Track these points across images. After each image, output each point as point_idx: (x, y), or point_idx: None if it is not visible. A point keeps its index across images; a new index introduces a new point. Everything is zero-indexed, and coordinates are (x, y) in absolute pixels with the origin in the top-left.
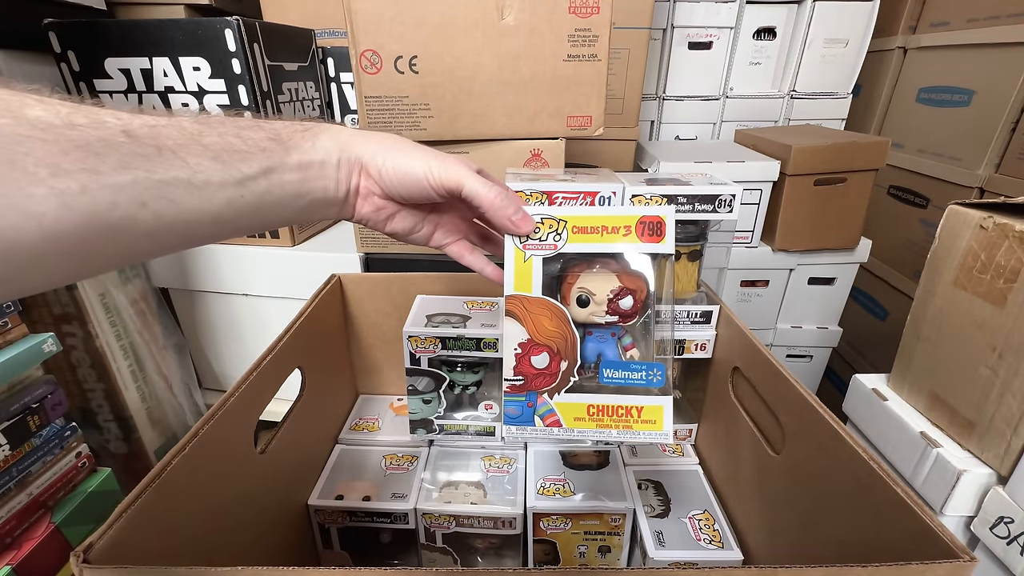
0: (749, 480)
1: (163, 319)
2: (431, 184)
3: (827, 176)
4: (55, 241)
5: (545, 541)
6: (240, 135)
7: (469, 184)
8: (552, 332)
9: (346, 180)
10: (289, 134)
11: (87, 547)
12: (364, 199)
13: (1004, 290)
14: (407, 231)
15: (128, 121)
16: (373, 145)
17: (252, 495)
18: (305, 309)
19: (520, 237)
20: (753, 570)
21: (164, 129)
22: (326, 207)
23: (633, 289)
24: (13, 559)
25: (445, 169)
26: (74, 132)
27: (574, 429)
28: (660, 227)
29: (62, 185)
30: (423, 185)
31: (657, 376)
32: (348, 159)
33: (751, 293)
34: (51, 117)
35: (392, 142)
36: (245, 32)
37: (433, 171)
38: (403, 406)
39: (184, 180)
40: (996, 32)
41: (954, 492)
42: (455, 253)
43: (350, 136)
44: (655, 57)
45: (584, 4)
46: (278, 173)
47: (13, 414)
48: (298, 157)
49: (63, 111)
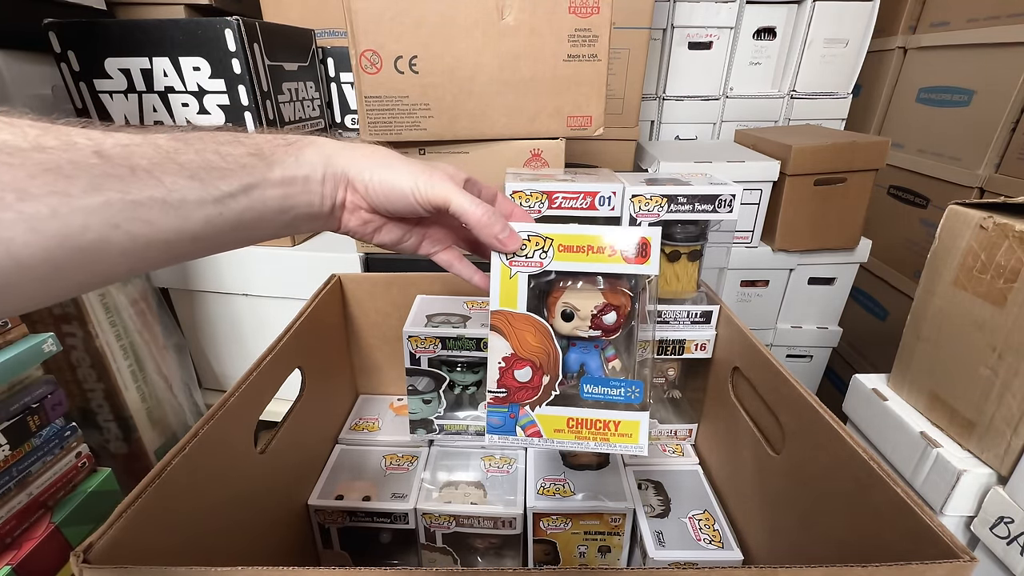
0: (749, 480)
1: (163, 319)
2: (418, 200)
3: (827, 176)
4: (26, 266)
5: (545, 541)
6: (219, 151)
7: (456, 201)
8: (535, 347)
9: (331, 195)
10: (271, 149)
11: (87, 547)
12: (350, 213)
13: (1004, 290)
14: (395, 242)
15: (100, 141)
16: (360, 159)
17: (252, 495)
18: (305, 309)
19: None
20: (753, 570)
21: (138, 148)
22: (311, 221)
23: (617, 305)
24: (13, 559)
25: (432, 185)
26: (42, 155)
27: (553, 440)
28: (646, 249)
29: (30, 209)
30: (409, 201)
31: (635, 393)
32: (334, 174)
33: (751, 293)
34: (18, 140)
35: (379, 156)
36: (245, 32)
37: (420, 187)
38: (403, 406)
39: (159, 200)
40: (996, 32)
41: (954, 492)
42: (443, 261)
43: (336, 150)
44: (655, 57)
45: (584, 4)
46: (260, 189)
47: (13, 414)
48: (281, 172)
49: (31, 134)
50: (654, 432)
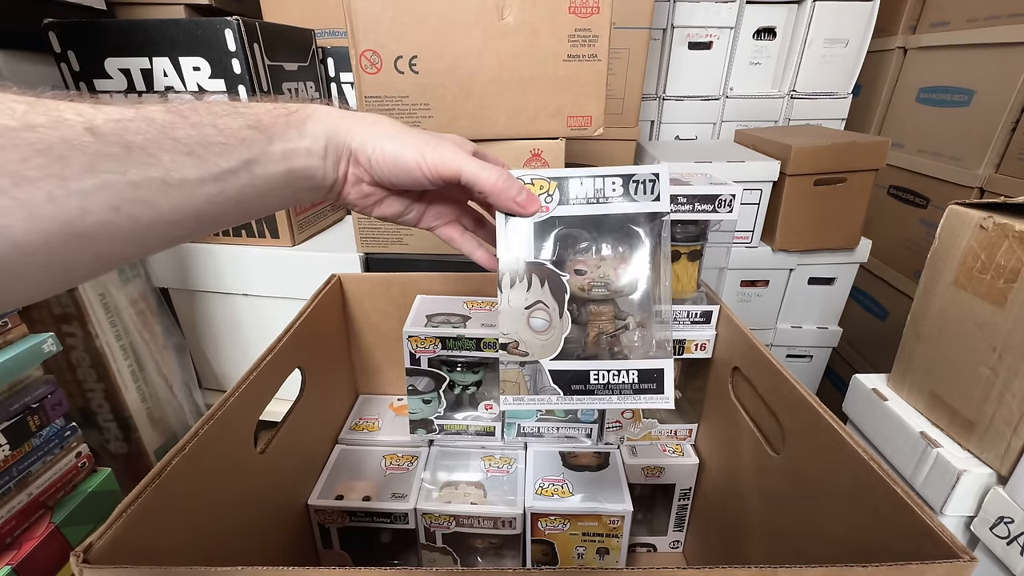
0: (749, 480)
1: (163, 319)
2: (425, 173)
3: (827, 176)
4: (28, 254)
5: (543, 541)
6: (216, 125)
7: (468, 169)
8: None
9: (334, 168)
10: (271, 120)
11: (87, 547)
12: (352, 186)
13: (1004, 290)
14: (396, 215)
15: (91, 117)
16: (364, 130)
17: (252, 495)
18: (305, 309)
19: None
20: (753, 570)
21: (131, 123)
22: (312, 194)
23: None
24: (13, 559)
25: (440, 156)
26: (33, 135)
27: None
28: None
29: (26, 195)
30: (415, 175)
31: None
32: (336, 147)
33: (751, 293)
34: (6, 119)
35: (384, 126)
36: (245, 32)
37: (427, 159)
38: (403, 406)
39: (158, 180)
40: (996, 32)
41: (954, 492)
42: (446, 235)
43: (339, 120)
44: (655, 57)
45: (584, 4)
46: (261, 165)
47: (13, 414)
48: (282, 146)
49: (19, 110)
50: (654, 432)
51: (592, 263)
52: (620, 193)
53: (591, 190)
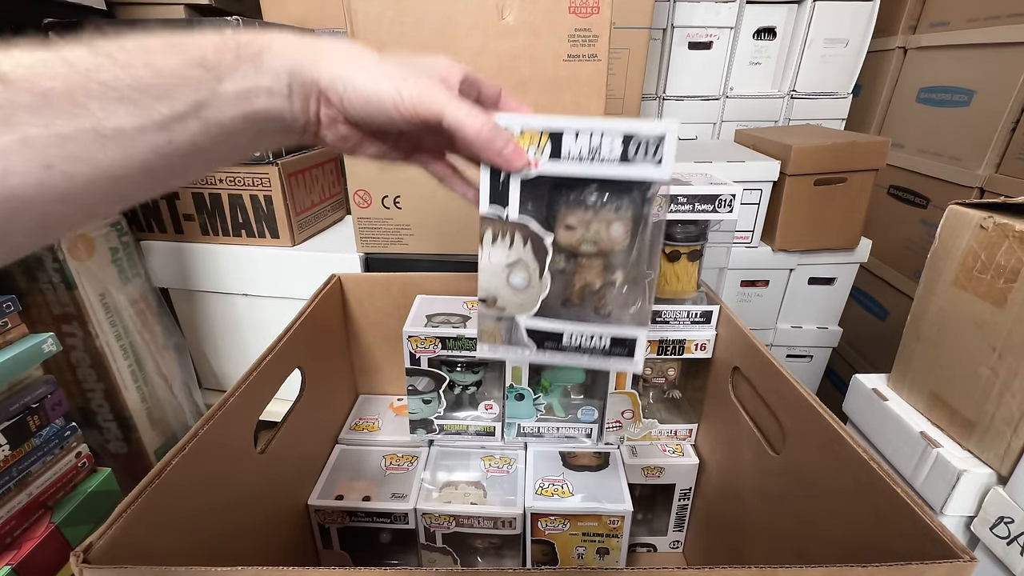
0: (749, 480)
1: (163, 319)
2: (403, 113)
3: (827, 176)
4: None
5: (543, 541)
6: (150, 64)
7: (449, 113)
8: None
9: (303, 110)
10: (218, 56)
11: (87, 547)
12: (327, 128)
13: (1004, 290)
14: (380, 155)
15: None
16: (333, 63)
17: (252, 495)
18: (305, 309)
19: None
20: (753, 570)
21: (45, 69)
22: (283, 136)
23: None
24: (13, 559)
25: (419, 93)
26: None
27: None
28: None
29: None
30: (392, 116)
31: None
32: (303, 84)
33: (751, 293)
34: None
35: (358, 57)
36: None
37: (404, 97)
38: (403, 406)
39: (89, 131)
40: (996, 32)
41: (954, 492)
42: (436, 173)
43: (302, 52)
44: (655, 57)
45: (584, 4)
46: (212, 108)
47: (13, 414)
48: (234, 86)
49: None
50: (654, 432)
51: (583, 220)
52: (618, 154)
53: (586, 148)
